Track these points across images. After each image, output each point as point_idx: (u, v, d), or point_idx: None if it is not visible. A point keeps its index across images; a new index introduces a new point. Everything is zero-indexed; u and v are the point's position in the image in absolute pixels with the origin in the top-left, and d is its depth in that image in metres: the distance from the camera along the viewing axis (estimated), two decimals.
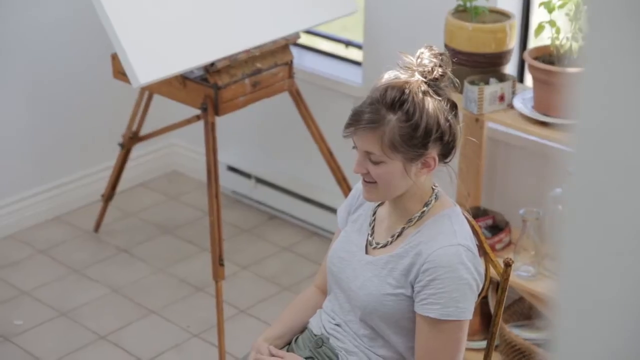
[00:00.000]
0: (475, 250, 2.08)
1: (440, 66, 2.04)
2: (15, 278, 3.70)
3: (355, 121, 2.02)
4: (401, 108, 1.99)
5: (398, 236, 2.12)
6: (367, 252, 2.16)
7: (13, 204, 3.96)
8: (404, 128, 1.99)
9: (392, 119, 1.99)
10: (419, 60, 2.05)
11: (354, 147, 2.07)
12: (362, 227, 2.20)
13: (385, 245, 2.13)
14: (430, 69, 2.03)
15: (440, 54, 2.06)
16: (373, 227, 2.18)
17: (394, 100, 1.99)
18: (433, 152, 2.03)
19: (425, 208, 2.10)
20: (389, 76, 2.04)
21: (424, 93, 2.01)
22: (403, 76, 2.03)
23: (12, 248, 3.88)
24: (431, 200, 2.11)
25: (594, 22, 0.88)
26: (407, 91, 2.00)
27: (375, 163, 2.03)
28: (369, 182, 2.06)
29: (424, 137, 2.00)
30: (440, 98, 2.03)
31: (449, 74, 2.06)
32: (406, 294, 2.06)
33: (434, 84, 2.03)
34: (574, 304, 0.94)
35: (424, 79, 2.02)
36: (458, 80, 2.10)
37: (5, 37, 3.77)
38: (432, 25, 3.18)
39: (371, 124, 2.00)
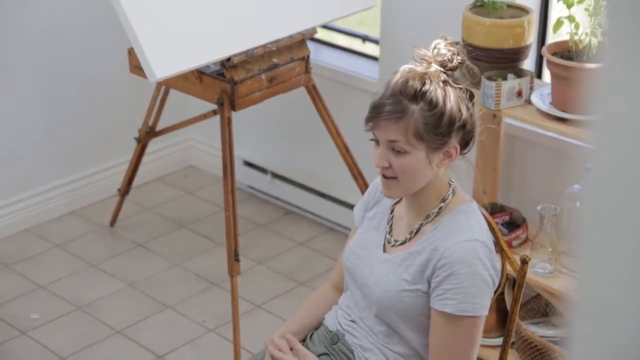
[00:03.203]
0: (492, 246, 2.07)
1: (458, 54, 2.04)
2: (31, 272, 3.71)
3: (377, 114, 2.01)
4: (423, 98, 1.99)
5: (416, 233, 2.11)
6: (384, 250, 2.15)
7: (29, 198, 3.97)
8: (428, 117, 1.99)
9: (416, 109, 1.99)
10: (435, 51, 2.04)
11: (371, 139, 2.06)
12: (379, 225, 2.19)
13: (403, 242, 2.12)
14: (449, 57, 2.03)
15: (456, 43, 2.06)
16: (391, 224, 2.17)
17: (416, 91, 1.99)
18: (455, 141, 2.03)
19: (442, 204, 2.10)
20: (404, 70, 2.04)
21: (444, 82, 2.01)
22: (419, 68, 2.03)
23: (28, 242, 3.89)
24: (448, 196, 2.10)
25: (615, 15, 0.87)
26: (428, 81, 2.00)
27: (399, 154, 2.02)
28: (390, 177, 2.05)
29: (448, 126, 2.01)
30: (459, 86, 2.03)
31: (467, 61, 2.06)
32: (422, 290, 2.05)
33: (451, 74, 2.03)
34: (594, 302, 0.93)
35: (442, 69, 2.02)
36: (477, 68, 2.11)
37: (23, 34, 3.77)
38: (450, 20, 3.16)
39: (394, 114, 1.99)
